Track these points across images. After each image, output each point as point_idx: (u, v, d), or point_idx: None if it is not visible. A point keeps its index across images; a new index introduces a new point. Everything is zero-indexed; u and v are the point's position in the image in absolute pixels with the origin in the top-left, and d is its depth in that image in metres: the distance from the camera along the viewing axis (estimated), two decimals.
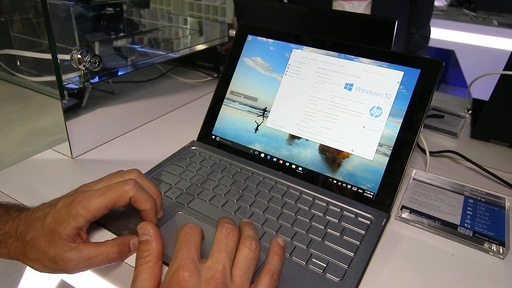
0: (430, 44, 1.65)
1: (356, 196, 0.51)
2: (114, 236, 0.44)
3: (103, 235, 0.45)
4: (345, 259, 0.42)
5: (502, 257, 0.45)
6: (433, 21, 1.57)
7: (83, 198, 0.39)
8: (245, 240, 0.36)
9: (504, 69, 0.64)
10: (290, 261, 0.42)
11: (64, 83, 0.57)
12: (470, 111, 0.83)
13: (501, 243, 0.46)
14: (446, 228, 0.48)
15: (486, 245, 0.46)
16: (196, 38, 1.01)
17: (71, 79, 0.63)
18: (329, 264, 0.41)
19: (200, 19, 1.14)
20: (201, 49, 0.89)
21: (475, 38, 2.03)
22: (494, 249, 0.46)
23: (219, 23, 1.14)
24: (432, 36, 1.53)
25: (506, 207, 0.52)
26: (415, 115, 0.50)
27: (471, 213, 0.51)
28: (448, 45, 2.14)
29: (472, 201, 0.53)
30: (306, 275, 0.40)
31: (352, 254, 0.43)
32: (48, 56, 0.53)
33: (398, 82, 0.52)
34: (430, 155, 0.64)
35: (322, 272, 0.41)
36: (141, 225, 0.37)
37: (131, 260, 0.42)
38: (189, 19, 1.13)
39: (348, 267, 0.41)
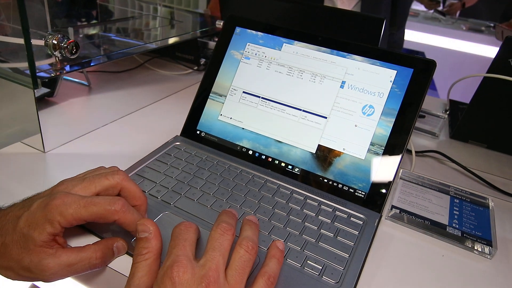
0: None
1: (347, 196, 0.50)
2: (96, 238, 0.41)
3: (83, 237, 0.41)
4: (341, 260, 0.41)
5: (489, 257, 0.46)
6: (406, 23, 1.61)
7: (61, 202, 0.35)
8: (242, 241, 0.35)
9: (487, 72, 0.65)
10: (285, 264, 0.40)
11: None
12: (448, 112, 0.85)
13: (488, 243, 0.47)
14: (435, 228, 0.49)
15: (474, 245, 0.47)
16: (177, 29, 0.98)
17: (40, 67, 0.58)
18: (325, 267, 0.40)
19: (172, 9, 1.11)
20: (184, 40, 0.86)
21: (444, 41, 2.10)
22: (482, 250, 0.46)
23: (192, 13, 1.11)
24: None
25: (490, 207, 0.53)
26: (407, 115, 0.50)
27: (458, 213, 0.52)
28: (418, 47, 2.20)
29: (458, 201, 0.54)
30: (302, 278, 0.39)
31: (347, 255, 0.42)
32: (20, 40, 0.48)
33: (391, 81, 0.51)
34: (413, 155, 0.65)
35: (318, 275, 0.39)
36: (141, 222, 0.35)
37: (115, 264, 0.39)
38: (163, 9, 1.09)
39: (344, 269, 0.40)
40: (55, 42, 0.54)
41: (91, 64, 0.66)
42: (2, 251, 0.34)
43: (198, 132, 0.59)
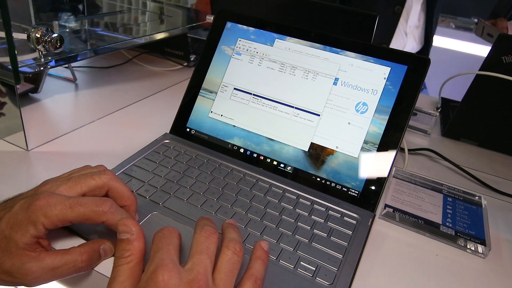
0: None
1: (341, 195, 0.49)
2: (81, 240, 0.39)
3: (69, 239, 0.40)
4: (334, 261, 0.40)
5: (483, 256, 0.46)
6: None
7: (45, 203, 0.33)
8: (228, 243, 0.34)
9: (480, 70, 0.65)
10: (278, 265, 0.39)
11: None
12: (439, 110, 0.84)
13: (482, 242, 0.46)
14: (429, 227, 0.48)
15: (468, 244, 0.46)
16: (166, 25, 0.96)
17: (24, 61, 0.56)
18: (318, 268, 0.39)
19: (162, 4, 1.08)
20: (173, 35, 0.84)
21: (434, 39, 2.10)
22: (476, 249, 0.46)
23: (182, 8, 1.09)
24: None
25: (483, 206, 0.53)
26: (401, 113, 0.49)
27: (451, 211, 0.51)
28: None
29: (451, 199, 0.54)
30: (295, 280, 0.38)
31: (340, 256, 0.41)
32: (1, 34, 0.46)
33: (384, 78, 0.50)
34: (406, 153, 0.64)
35: (312, 276, 0.38)
36: (122, 222, 0.32)
37: (101, 268, 0.37)
38: (152, 3, 1.07)
39: (337, 270, 0.39)
40: (38, 36, 0.52)
41: (77, 59, 0.64)
42: None
43: (188, 129, 0.57)
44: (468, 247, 0.46)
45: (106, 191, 0.38)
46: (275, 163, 0.52)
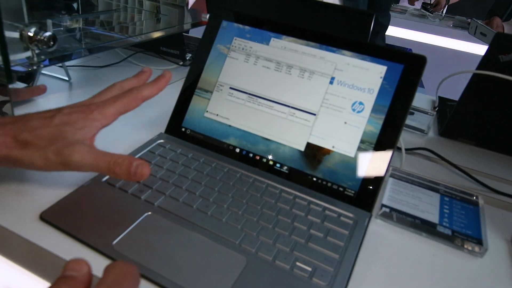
0: (390, 41, 1.69)
1: (337, 195, 0.49)
2: (86, 247, 0.39)
3: (66, 246, 0.39)
4: (331, 262, 0.40)
5: (480, 256, 0.46)
6: (393, 19, 1.61)
7: (96, 106, 0.42)
8: None
9: (477, 69, 0.64)
10: (273, 266, 0.39)
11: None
12: (436, 109, 0.84)
13: (479, 242, 0.46)
14: (426, 227, 0.48)
15: (465, 244, 0.46)
16: (162, 23, 0.95)
17: (17, 60, 0.55)
18: (314, 268, 0.39)
19: (158, 3, 1.08)
20: (169, 34, 0.83)
21: (431, 38, 2.11)
22: (473, 249, 0.46)
23: (178, 7, 1.08)
24: (391, 33, 1.55)
25: (480, 205, 0.53)
26: (398, 112, 0.49)
27: (448, 211, 0.51)
28: (405, 43, 2.21)
29: (448, 199, 0.53)
30: (291, 281, 0.37)
31: (337, 256, 0.41)
32: None
33: (381, 77, 0.50)
34: (403, 152, 0.64)
35: (308, 276, 0.38)
36: (74, 259, 0.25)
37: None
38: (148, 2, 1.06)
39: (334, 270, 0.39)
40: (31, 34, 0.51)
41: (72, 58, 0.64)
42: (33, 135, 0.38)
43: (183, 129, 0.57)
44: (465, 247, 0.46)
45: None
46: (271, 163, 0.52)
